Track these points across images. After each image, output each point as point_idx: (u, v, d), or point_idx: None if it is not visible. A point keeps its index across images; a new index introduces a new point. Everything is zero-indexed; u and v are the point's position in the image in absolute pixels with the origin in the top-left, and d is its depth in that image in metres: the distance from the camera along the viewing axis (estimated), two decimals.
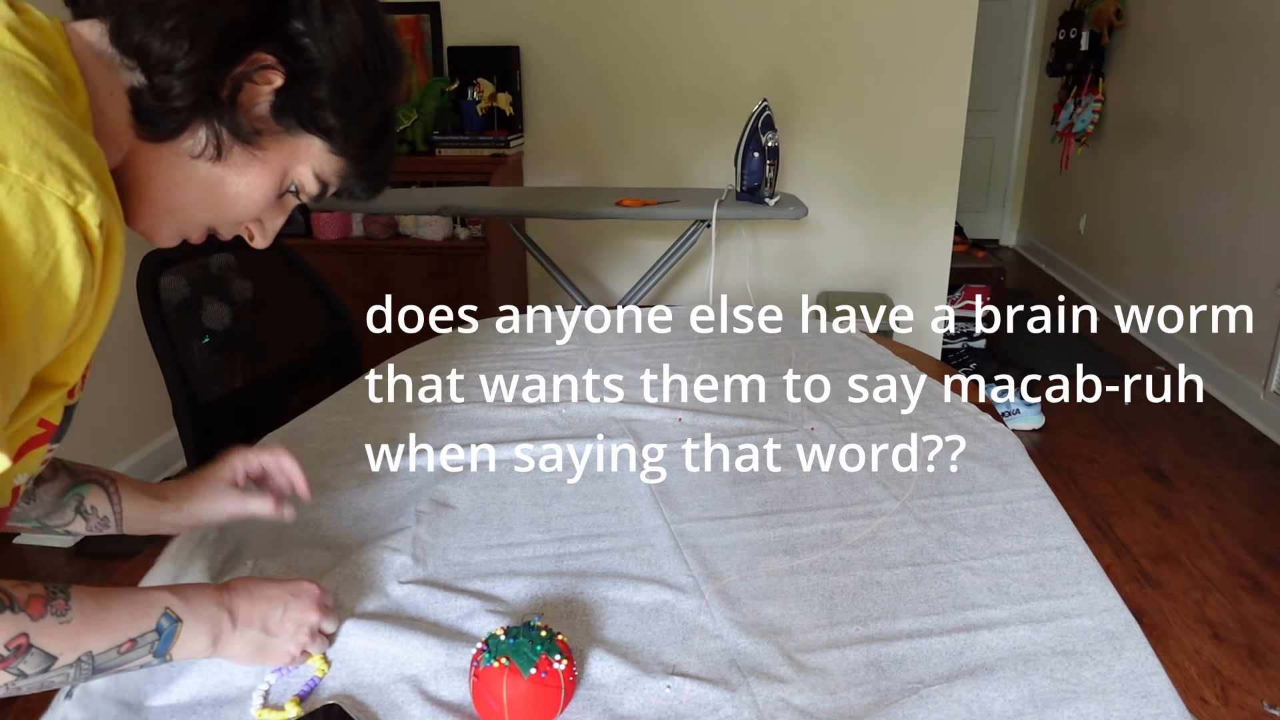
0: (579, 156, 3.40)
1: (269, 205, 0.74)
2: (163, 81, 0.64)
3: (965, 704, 0.77)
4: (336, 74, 0.70)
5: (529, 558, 1.00)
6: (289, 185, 0.74)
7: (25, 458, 0.65)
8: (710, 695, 0.78)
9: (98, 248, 0.58)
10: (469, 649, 0.84)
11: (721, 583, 0.95)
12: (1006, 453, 1.24)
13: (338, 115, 0.71)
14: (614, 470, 1.21)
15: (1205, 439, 3.14)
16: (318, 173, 0.74)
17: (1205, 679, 1.96)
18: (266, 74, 0.68)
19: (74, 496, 0.84)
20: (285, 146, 0.72)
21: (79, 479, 0.85)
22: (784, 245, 3.41)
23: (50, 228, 0.55)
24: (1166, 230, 3.99)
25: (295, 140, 0.72)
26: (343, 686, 0.80)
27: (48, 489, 0.83)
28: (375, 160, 0.77)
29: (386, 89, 0.74)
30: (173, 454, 2.88)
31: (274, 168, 0.72)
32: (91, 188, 0.57)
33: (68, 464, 0.86)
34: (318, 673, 0.81)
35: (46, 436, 0.66)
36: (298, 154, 0.73)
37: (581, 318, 1.85)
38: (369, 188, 0.79)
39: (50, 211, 0.55)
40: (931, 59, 3.13)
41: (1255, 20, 3.34)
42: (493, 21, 3.26)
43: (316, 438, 1.30)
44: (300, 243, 3.07)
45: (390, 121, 0.78)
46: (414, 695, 0.78)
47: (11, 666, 0.60)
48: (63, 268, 0.56)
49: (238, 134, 0.68)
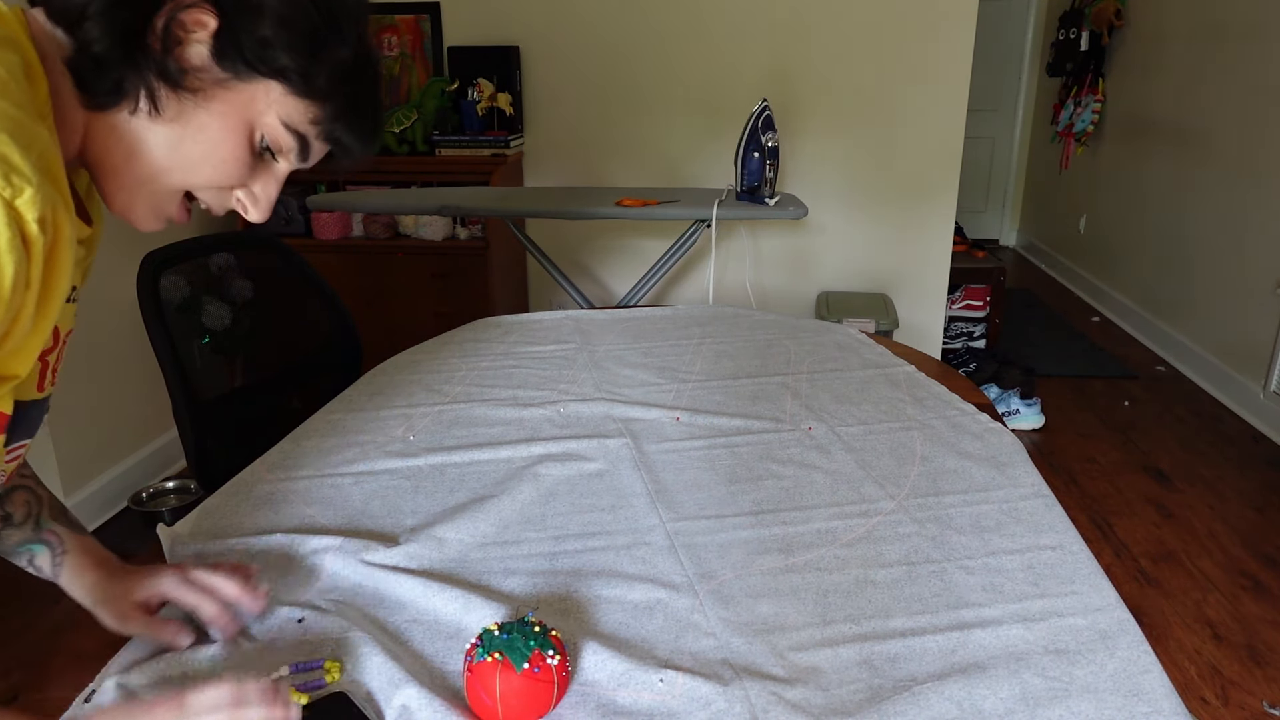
0: (579, 156, 3.40)
1: (242, 166, 0.69)
2: (83, 34, 0.61)
3: (957, 702, 0.78)
4: (278, 8, 0.65)
5: (525, 555, 1.01)
6: (260, 141, 0.69)
7: None
8: (703, 690, 0.79)
9: (35, 243, 0.56)
10: (463, 644, 0.85)
11: (716, 581, 0.96)
12: (1003, 452, 1.25)
13: (290, 52, 0.66)
14: (611, 469, 1.21)
15: (1205, 439, 3.13)
16: (286, 121, 0.69)
17: (1205, 679, 1.96)
18: (195, 16, 0.63)
19: (26, 551, 0.84)
20: (239, 95, 0.66)
21: (39, 536, 0.84)
22: (784, 245, 3.41)
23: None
24: (1166, 230, 3.99)
25: (250, 87, 0.67)
26: (339, 681, 0.80)
27: (12, 534, 0.83)
28: (349, 97, 0.70)
29: (344, 21, 0.69)
30: (173, 454, 2.89)
31: (232, 121, 0.67)
32: (31, 181, 0.55)
33: (39, 512, 0.85)
34: (328, 679, 0.80)
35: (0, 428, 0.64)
36: (256, 103, 0.67)
37: (581, 317, 1.85)
38: (357, 135, 0.72)
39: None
40: (931, 59, 3.13)
41: (1255, 20, 3.34)
42: (493, 21, 3.26)
43: (316, 436, 1.31)
44: (300, 243, 3.07)
45: (364, 60, 0.71)
46: (408, 689, 0.78)
47: None
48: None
49: (170, 81, 0.64)
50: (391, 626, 0.88)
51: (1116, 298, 4.44)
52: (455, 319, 2.63)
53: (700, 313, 1.89)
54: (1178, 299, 3.86)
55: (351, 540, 1.03)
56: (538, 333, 1.76)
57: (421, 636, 0.86)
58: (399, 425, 1.35)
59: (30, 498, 0.86)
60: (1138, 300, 4.24)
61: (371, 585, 0.95)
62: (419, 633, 0.87)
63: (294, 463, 1.23)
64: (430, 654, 0.84)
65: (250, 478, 1.18)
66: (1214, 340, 3.55)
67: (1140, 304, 4.21)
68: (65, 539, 0.86)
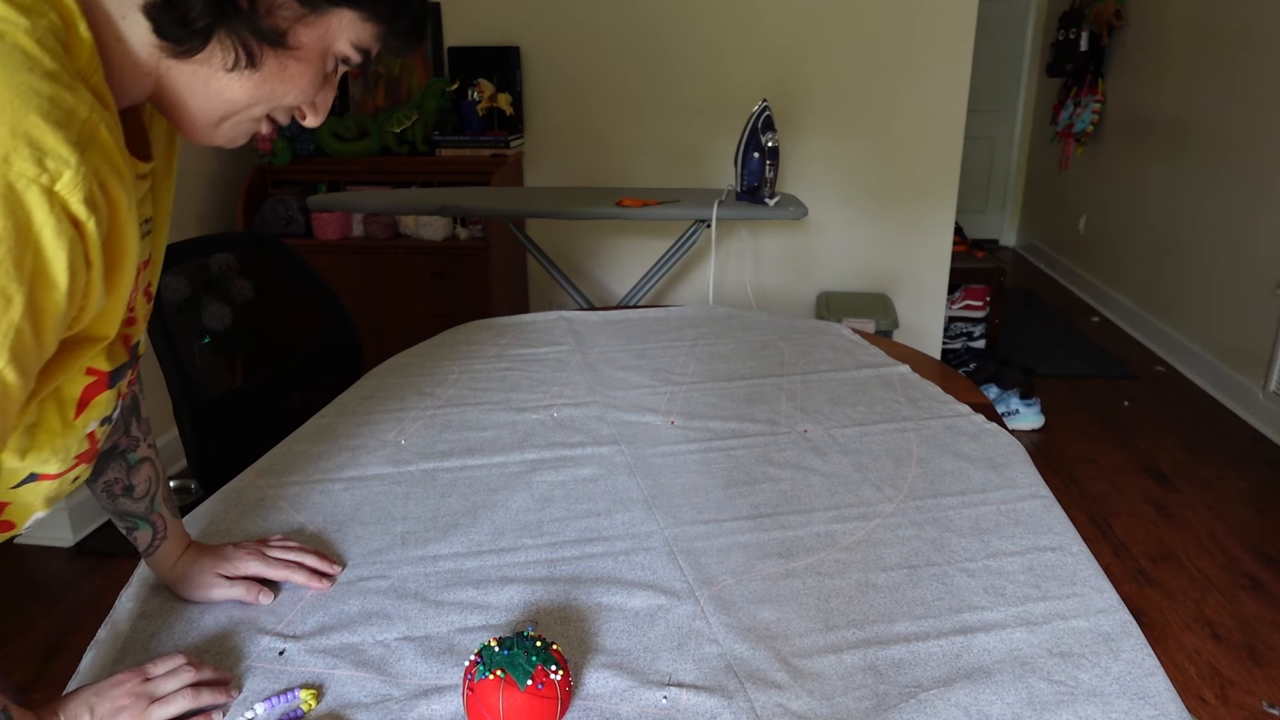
0: (579, 157, 3.39)
1: (316, 88, 0.71)
2: (181, 3, 0.61)
3: (963, 707, 0.77)
4: None
5: (521, 563, 1.00)
6: (332, 64, 0.71)
7: (90, 406, 0.66)
8: (707, 703, 0.78)
9: (86, 223, 0.55)
10: (461, 660, 0.84)
11: (717, 587, 0.95)
12: (1000, 453, 1.24)
13: None
14: (606, 474, 1.20)
15: (1205, 439, 3.13)
16: (356, 43, 0.71)
17: (1205, 679, 1.96)
18: None
19: (133, 523, 0.93)
20: (318, 30, 0.68)
21: (148, 516, 0.93)
22: (784, 245, 3.41)
23: (25, 211, 0.52)
24: (1166, 230, 3.98)
25: (326, 20, 0.68)
26: (329, 706, 0.79)
27: (127, 504, 0.92)
28: (412, 13, 0.73)
29: None
30: (173, 454, 2.88)
31: (313, 54, 0.68)
32: (69, 162, 0.53)
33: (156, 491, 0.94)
34: (304, 705, 0.78)
35: (102, 383, 0.67)
36: (331, 31, 0.69)
37: (575, 319, 1.84)
38: (411, 41, 0.76)
39: (22, 194, 0.52)
40: (931, 59, 3.13)
41: (1255, 20, 3.34)
42: (493, 21, 3.26)
43: (307, 441, 1.30)
44: (300, 243, 3.07)
45: None
46: (406, 709, 0.77)
47: None
48: (45, 254, 0.53)
49: (266, 40, 0.65)
50: (384, 642, 0.86)
51: (1116, 298, 4.44)
52: (455, 319, 2.63)
53: (694, 314, 1.88)
54: (1178, 299, 3.86)
55: (340, 548, 1.02)
56: (531, 335, 1.76)
57: (414, 654, 0.85)
58: (391, 430, 1.34)
59: (152, 474, 0.93)
60: (1138, 300, 4.23)
61: (361, 596, 0.94)
62: (411, 650, 0.85)
63: (285, 468, 1.22)
64: (424, 672, 0.82)
65: (240, 484, 1.17)
66: (1214, 340, 3.55)
67: (1140, 304, 4.21)
68: (167, 525, 0.95)
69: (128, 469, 0.91)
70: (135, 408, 0.91)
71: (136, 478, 0.92)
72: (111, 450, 0.89)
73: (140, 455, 0.92)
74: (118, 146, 0.60)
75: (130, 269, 0.63)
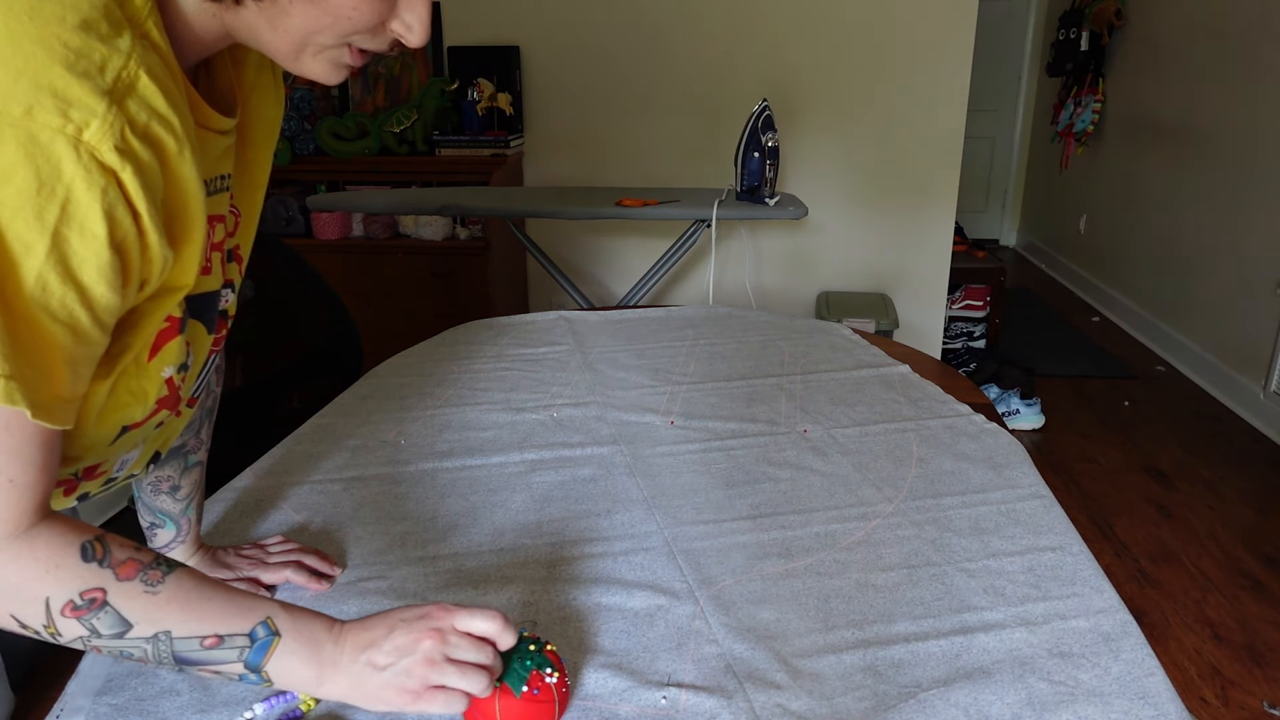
0: (579, 157, 3.39)
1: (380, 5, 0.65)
2: None
3: (963, 708, 0.77)
4: None
5: (520, 563, 1.00)
6: None
7: (163, 351, 0.66)
8: (707, 704, 0.78)
9: (121, 173, 0.54)
10: None
11: (716, 587, 0.95)
12: (1000, 453, 1.24)
13: None
14: (606, 474, 1.20)
15: (1205, 439, 3.13)
16: None
17: (1205, 679, 1.96)
18: None
19: (159, 518, 0.94)
20: None
21: (177, 518, 0.95)
22: (784, 245, 3.41)
23: (52, 163, 0.51)
24: (1166, 230, 3.98)
25: None
26: (329, 706, 0.78)
27: (165, 502, 0.93)
28: None
29: None
30: None
31: None
32: (96, 111, 0.52)
33: (193, 496, 0.95)
34: (303, 706, 0.77)
35: (174, 328, 0.66)
36: None
37: (574, 319, 1.84)
38: None
39: (47, 145, 0.51)
40: (931, 59, 3.13)
41: (1255, 20, 3.34)
42: (493, 21, 3.26)
43: (306, 441, 1.30)
44: (300, 243, 3.07)
45: None
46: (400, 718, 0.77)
47: (85, 619, 0.58)
48: (78, 204, 0.52)
49: None
50: None
51: (1116, 298, 4.44)
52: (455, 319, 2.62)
53: (693, 313, 1.88)
54: (1177, 299, 3.86)
55: (339, 548, 1.02)
56: (530, 334, 1.75)
57: None
58: (390, 429, 1.34)
59: (199, 480, 0.96)
60: (1138, 300, 4.23)
61: (359, 598, 0.94)
62: None
63: (285, 468, 1.22)
64: None
65: (240, 484, 1.17)
66: (1214, 340, 3.54)
67: (1140, 304, 4.20)
68: (190, 529, 0.96)
69: (183, 470, 0.94)
70: (213, 410, 0.95)
71: (186, 480, 0.94)
72: (179, 448, 0.92)
73: (197, 459, 0.95)
74: (176, 94, 0.58)
75: (195, 219, 0.62)
